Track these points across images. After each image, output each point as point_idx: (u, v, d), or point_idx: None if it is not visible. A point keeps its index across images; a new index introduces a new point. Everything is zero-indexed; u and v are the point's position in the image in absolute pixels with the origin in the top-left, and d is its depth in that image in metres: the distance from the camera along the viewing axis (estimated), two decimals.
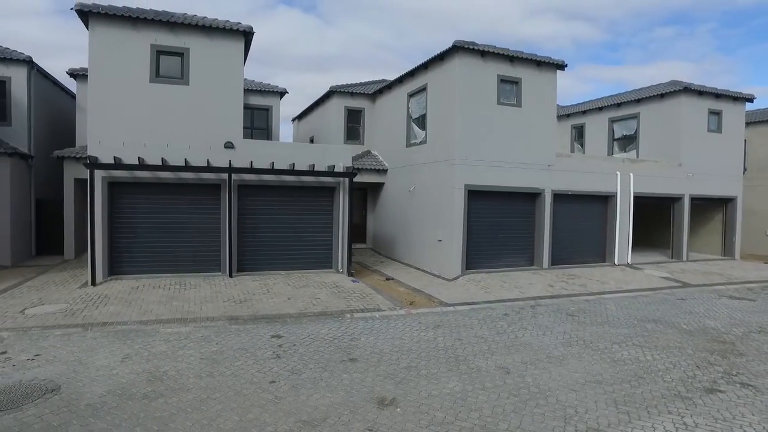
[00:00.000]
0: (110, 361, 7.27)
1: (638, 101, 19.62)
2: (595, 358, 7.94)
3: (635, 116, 19.86)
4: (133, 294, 11.21)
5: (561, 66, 15.41)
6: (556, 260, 16.21)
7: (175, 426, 5.40)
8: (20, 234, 16.59)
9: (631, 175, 17.22)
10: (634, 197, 17.40)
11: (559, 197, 16.12)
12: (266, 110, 20.59)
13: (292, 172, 13.59)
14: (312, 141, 22.84)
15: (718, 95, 19.02)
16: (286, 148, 14.68)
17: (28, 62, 16.99)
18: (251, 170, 13.21)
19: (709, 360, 7.96)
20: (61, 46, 61.02)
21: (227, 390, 6.39)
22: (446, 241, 15.03)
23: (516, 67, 15.08)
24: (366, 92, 20.86)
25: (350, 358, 7.78)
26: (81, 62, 20.54)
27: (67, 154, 17.13)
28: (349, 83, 21.40)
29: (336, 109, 20.59)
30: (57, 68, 46.63)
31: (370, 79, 22.84)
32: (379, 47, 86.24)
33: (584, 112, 22.20)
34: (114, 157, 12.25)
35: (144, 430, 5.29)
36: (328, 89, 20.72)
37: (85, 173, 17.06)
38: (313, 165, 13.86)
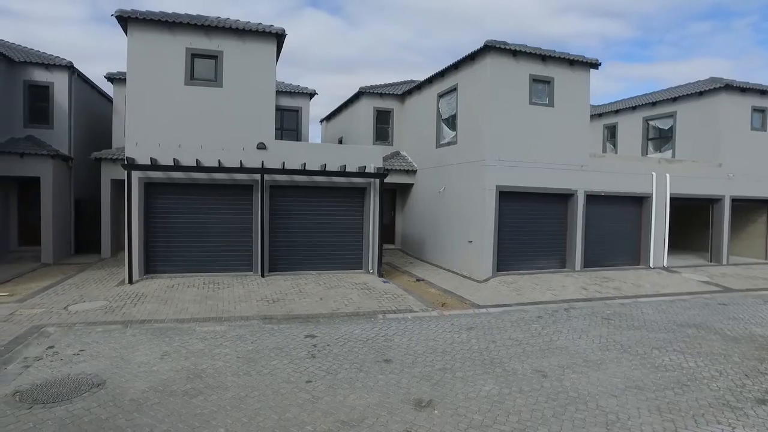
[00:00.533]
0: (150, 358, 7.42)
1: (675, 99, 19.10)
2: (634, 363, 7.75)
3: (671, 115, 19.35)
4: (169, 293, 11.44)
5: (594, 65, 15.13)
6: (589, 262, 15.91)
7: (216, 423, 5.48)
8: (61, 233, 17.12)
9: (668, 175, 16.77)
10: (671, 198, 16.95)
11: (592, 198, 15.82)
12: (296, 111, 20.79)
13: (323, 172, 13.68)
14: (341, 142, 22.96)
15: (763, 92, 18.35)
16: (318, 148, 14.80)
17: (69, 67, 17.52)
18: (283, 171, 13.35)
19: (759, 369, 7.66)
20: (96, 52, 62.77)
21: (265, 389, 6.45)
22: (477, 242, 14.91)
23: (548, 66, 14.86)
24: (395, 93, 20.86)
25: (385, 359, 7.77)
26: (115, 67, 21.06)
27: (104, 155, 17.62)
28: (378, 84, 21.44)
29: (365, 109, 20.64)
30: (91, 73, 47.95)
31: (396, 80, 22.80)
32: (403, 48, 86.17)
33: (617, 112, 21.74)
34: (150, 158, 12.53)
35: (186, 427, 5.38)
36: (357, 90, 20.79)
37: (121, 174, 17.50)
38: (345, 166, 13.91)
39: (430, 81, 18.33)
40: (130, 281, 12.40)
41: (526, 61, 14.61)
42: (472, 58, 15.07)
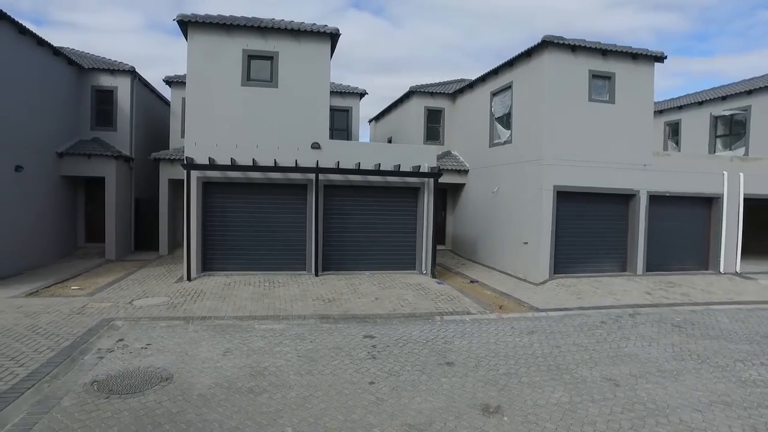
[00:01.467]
0: (213, 354, 7.52)
1: (749, 92, 17.88)
2: (716, 376, 7.25)
3: (745, 109, 18.19)
4: (226, 290, 11.64)
5: (659, 58, 14.41)
6: (652, 266, 15.17)
7: (283, 422, 5.46)
8: (123, 231, 17.82)
9: (741, 175, 15.77)
10: (744, 199, 15.93)
11: (655, 199, 15.07)
12: (346, 111, 20.88)
13: (377, 172, 13.63)
14: (390, 142, 22.88)
15: None
16: (372, 148, 14.78)
17: (132, 72, 18.22)
18: (337, 170, 13.38)
19: None
20: (150, 58, 65.37)
21: (328, 389, 6.40)
22: (533, 243, 14.49)
23: (609, 61, 14.27)
24: (446, 92, 20.61)
25: (447, 361, 7.60)
26: (167, 71, 21.66)
27: (162, 156, 18.24)
28: (429, 83, 21.24)
29: (416, 109, 20.49)
30: (146, 78, 49.89)
31: (446, 79, 22.55)
32: (448, 48, 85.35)
33: (680, 108, 20.67)
34: (209, 158, 12.81)
35: (254, 424, 5.38)
36: (407, 89, 20.65)
37: (178, 174, 18.15)
38: (399, 165, 13.82)
39: (482, 79, 17.99)
40: (189, 278, 12.71)
41: (585, 56, 14.09)
42: (528, 54, 14.66)
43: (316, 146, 13.50)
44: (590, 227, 14.97)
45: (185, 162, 12.68)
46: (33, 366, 6.64)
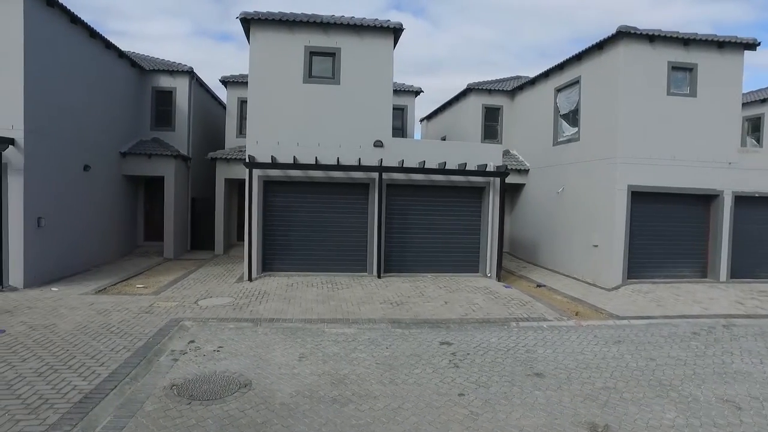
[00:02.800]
0: (288, 359, 7.20)
1: None
2: None
3: None
4: (290, 291, 11.39)
5: (751, 45, 13.27)
6: (737, 272, 14.04)
7: None
8: (180, 230, 17.97)
9: None
10: None
11: (741, 200, 13.95)
12: (401, 110, 20.49)
13: (442, 171, 13.14)
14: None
15: None
16: (435, 146, 14.31)
17: (190, 72, 18.38)
18: (401, 169, 12.97)
19: None
20: (198, 63, 67.00)
21: (416, 400, 5.96)
22: (603, 246, 13.68)
23: (690, 51, 13.31)
24: (504, 89, 19.91)
25: (535, 372, 7.03)
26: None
27: (219, 155, 18.28)
28: (486, 80, 20.61)
29: (473, 107, 19.88)
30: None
31: (503, 77, 21.82)
32: (489, 47, 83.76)
33: (763, 101, 19.24)
34: (271, 156, 12.62)
35: None
36: (465, 87, 20.08)
37: (234, 173, 18.20)
38: (465, 164, 13.27)
39: (546, 75, 17.23)
40: (250, 279, 12.54)
41: (664, 46, 13.18)
42: (599, 47, 13.85)
43: (378, 144, 13.13)
44: (666, 230, 14.00)
45: (247, 160, 12.52)
46: (112, 366, 6.47)
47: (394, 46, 13.72)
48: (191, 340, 7.88)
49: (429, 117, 26.07)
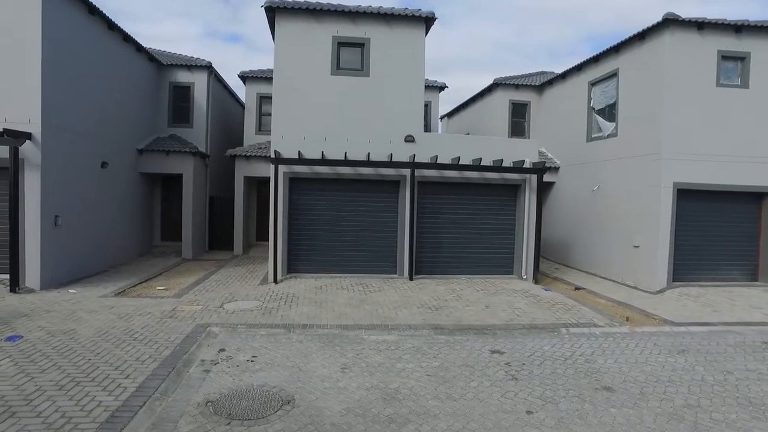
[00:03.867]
0: (330, 371, 6.54)
1: None
2: None
3: None
4: (320, 294, 10.75)
5: None
6: None
7: None
8: (198, 230, 17.42)
9: None
10: None
11: None
12: (425, 106, 19.72)
13: (477, 167, 12.44)
14: None
15: None
16: (469, 141, 13.62)
17: (208, 67, 17.84)
18: (434, 165, 12.29)
19: None
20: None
21: (480, 419, 5.28)
22: (645, 247, 12.91)
23: (742, 39, 12.50)
24: (532, 84, 19.16)
25: (603, 386, 6.32)
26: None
27: (238, 152, 17.70)
28: (512, 75, 19.87)
29: (499, 102, 19.15)
30: None
31: (530, 71, 21.08)
32: (499, 47, 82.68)
33: None
34: (298, 151, 12.00)
35: None
36: (491, 82, 19.36)
37: (253, 171, 17.61)
38: (501, 161, 12.56)
39: (578, 68, 16.47)
40: (275, 280, 11.92)
41: (713, 34, 12.39)
42: (641, 36, 13.08)
43: (410, 139, 12.46)
44: (713, 230, 13.21)
45: (273, 156, 11.90)
46: (139, 378, 5.85)
47: (426, 36, 13.06)
48: (221, 348, 7.25)
49: (449, 114, 25.36)
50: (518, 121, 19.40)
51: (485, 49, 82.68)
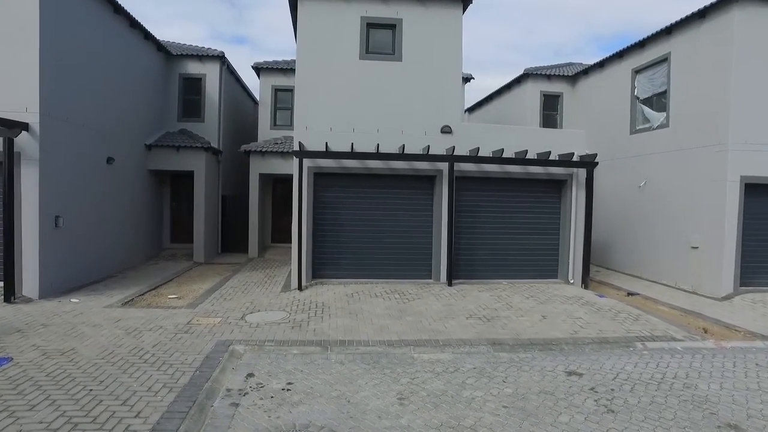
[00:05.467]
0: (385, 403, 5.34)
1: None
2: None
3: None
4: (352, 303, 9.53)
5: None
6: None
7: None
8: (211, 231, 16.30)
9: None
10: None
11: None
12: None
13: (522, 161, 11.20)
14: None
15: None
16: (512, 132, 12.34)
17: (221, 58, 16.73)
18: (475, 159, 11.06)
19: None
20: None
21: None
22: (706, 248, 11.64)
23: None
24: (565, 74, 17.91)
25: (725, 422, 5.09)
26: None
27: (253, 148, 16.55)
28: (543, 65, 18.63)
29: (530, 94, 17.91)
30: None
31: (559, 62, 19.83)
32: (505, 47, 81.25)
33: None
34: (325, 143, 10.82)
35: None
36: (521, 72, 18.10)
37: (269, 168, 16.46)
38: (548, 153, 11.30)
39: (619, 56, 15.22)
40: (300, 287, 10.73)
41: None
42: (701, 15, 11.81)
43: (446, 130, 11.26)
44: None
45: (297, 148, 10.71)
46: (152, 416, 4.66)
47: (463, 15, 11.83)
48: (249, 373, 6.06)
49: (471, 109, 24.08)
50: (550, 114, 18.16)
51: (489, 49, 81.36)
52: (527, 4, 73.14)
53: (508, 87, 19.68)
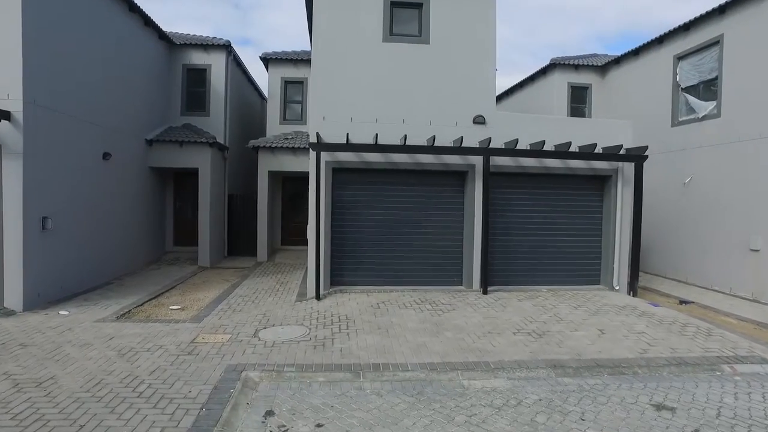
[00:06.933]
0: None
1: None
2: None
3: None
4: (380, 316, 8.35)
5: None
6: None
7: None
8: (217, 233, 15.20)
9: None
10: None
11: None
12: None
13: (564, 154, 10.01)
14: None
15: None
16: (553, 123, 11.15)
17: (227, 47, 15.63)
18: (513, 152, 9.88)
19: None
20: None
21: None
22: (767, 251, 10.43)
23: None
24: (594, 64, 16.71)
25: None
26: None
27: (262, 143, 15.43)
28: (571, 56, 17.45)
29: (557, 85, 16.73)
30: None
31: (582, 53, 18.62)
32: (507, 46, 79.82)
33: None
34: (346, 134, 9.65)
35: None
36: (548, 62, 16.91)
37: (279, 165, 15.31)
38: (594, 145, 10.11)
39: (659, 41, 14.05)
40: (317, 296, 9.56)
41: None
42: None
43: (479, 120, 10.09)
44: None
45: (314, 140, 9.55)
46: None
47: None
48: (268, 410, 4.90)
49: None
50: (578, 106, 16.97)
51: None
52: (528, 4, 71.83)
53: (531, 79, 18.53)
